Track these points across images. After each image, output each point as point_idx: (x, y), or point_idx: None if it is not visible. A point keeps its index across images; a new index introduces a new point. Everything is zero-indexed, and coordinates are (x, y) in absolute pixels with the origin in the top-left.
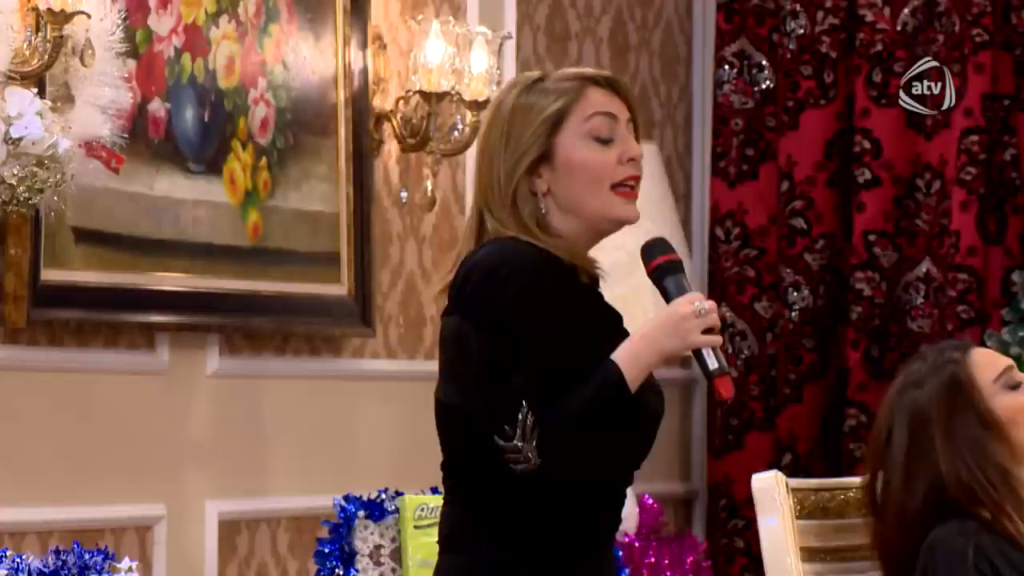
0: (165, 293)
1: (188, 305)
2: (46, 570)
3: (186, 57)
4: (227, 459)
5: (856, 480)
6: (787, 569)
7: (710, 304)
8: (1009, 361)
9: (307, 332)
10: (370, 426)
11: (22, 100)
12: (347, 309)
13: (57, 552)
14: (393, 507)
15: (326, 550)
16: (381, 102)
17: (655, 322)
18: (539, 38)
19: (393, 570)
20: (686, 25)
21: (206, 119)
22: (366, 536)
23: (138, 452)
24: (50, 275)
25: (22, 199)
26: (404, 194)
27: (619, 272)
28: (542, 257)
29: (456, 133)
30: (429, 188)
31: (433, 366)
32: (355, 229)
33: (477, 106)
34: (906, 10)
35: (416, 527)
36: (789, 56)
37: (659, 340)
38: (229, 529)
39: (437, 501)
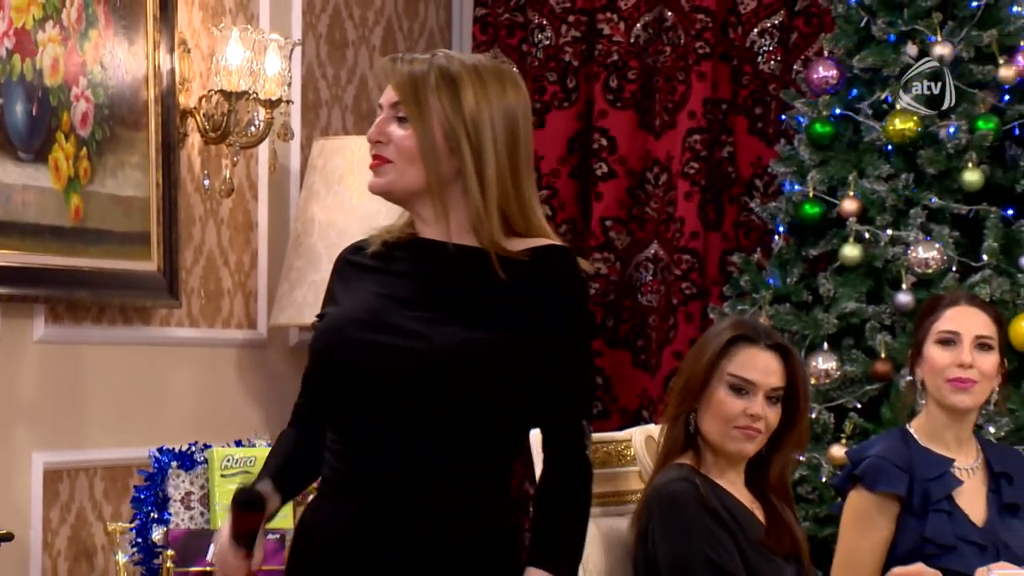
0: None
1: (17, 279)
2: None
3: (16, 58)
4: (51, 416)
5: (617, 435)
6: None
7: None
8: (759, 379)
9: (121, 303)
10: (176, 387)
11: None
12: (156, 283)
13: None
14: (202, 458)
15: (142, 496)
16: (186, 100)
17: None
18: (321, 45)
19: (202, 513)
20: (446, 35)
21: (34, 113)
22: (178, 484)
23: None
24: None
25: None
26: (207, 182)
27: None
28: None
29: (252, 128)
30: (227, 176)
31: (230, 333)
32: (163, 212)
33: (271, 104)
34: (638, 25)
35: (223, 476)
36: (536, 64)
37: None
38: (52, 478)
39: (242, 453)
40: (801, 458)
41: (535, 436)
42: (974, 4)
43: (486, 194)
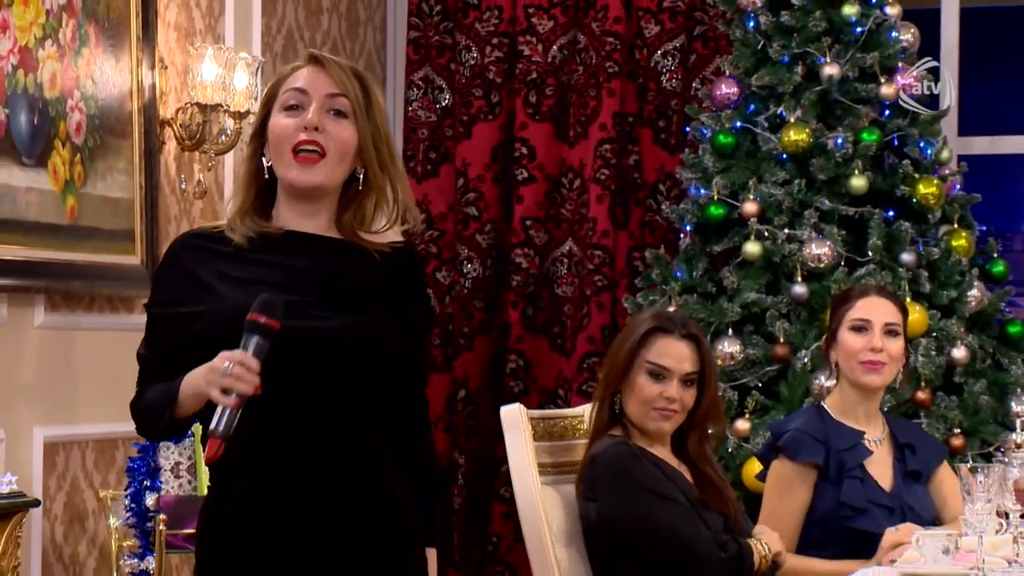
0: (3, 262)
1: (21, 272)
2: None
3: (20, 73)
4: (49, 394)
5: (572, 411)
6: (529, 479)
7: (238, 370)
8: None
9: (110, 294)
10: None
11: None
12: (139, 275)
13: None
14: (190, 432)
15: (135, 465)
16: (164, 111)
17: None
18: (277, 62)
19: (189, 482)
20: (382, 55)
21: (35, 122)
22: (168, 455)
23: None
24: None
25: None
26: (184, 185)
27: None
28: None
29: (223, 137)
30: (200, 180)
31: None
32: (145, 212)
33: (239, 116)
34: (555, 47)
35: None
36: (464, 81)
37: (200, 375)
38: (51, 449)
39: None
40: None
41: (507, 411)
42: (858, 30)
43: (391, 195)
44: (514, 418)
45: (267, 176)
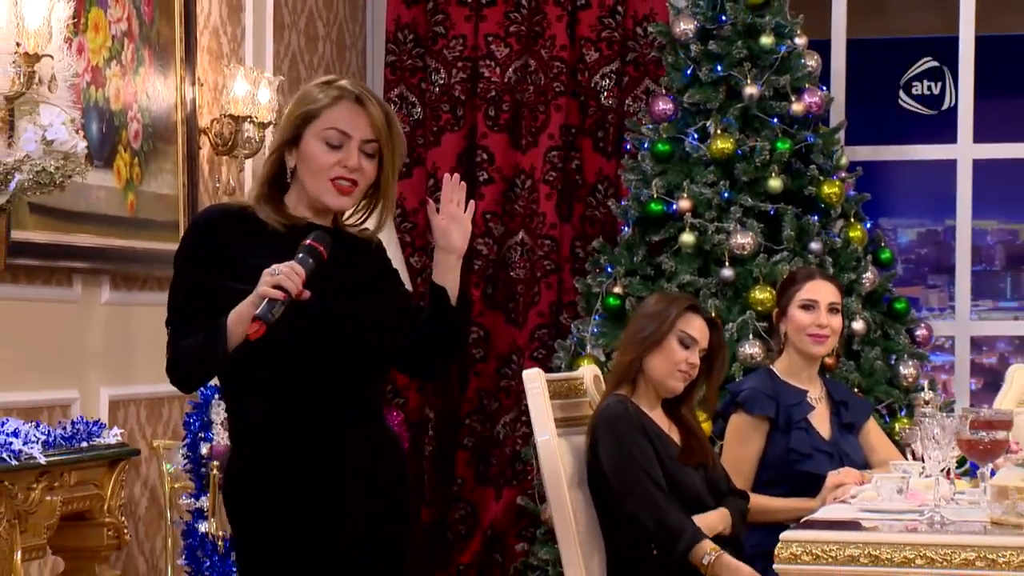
0: (80, 247)
1: (93, 256)
2: (66, 436)
3: (92, 88)
4: (113, 359)
5: (574, 374)
6: (548, 431)
7: (286, 270)
8: (699, 338)
9: (159, 275)
10: None
11: (52, 113)
12: None
13: (74, 423)
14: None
15: (191, 420)
16: (201, 122)
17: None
18: (286, 81)
19: None
20: (364, 75)
21: (104, 131)
22: (219, 411)
23: (63, 354)
24: (16, 235)
25: (57, 181)
26: (218, 184)
27: None
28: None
29: (251, 144)
30: (229, 181)
31: None
32: (187, 206)
33: (263, 126)
34: (510, 69)
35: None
36: (433, 98)
37: (247, 299)
38: (114, 407)
39: None
40: None
41: (529, 374)
42: (773, 57)
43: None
44: (535, 380)
45: (288, 178)
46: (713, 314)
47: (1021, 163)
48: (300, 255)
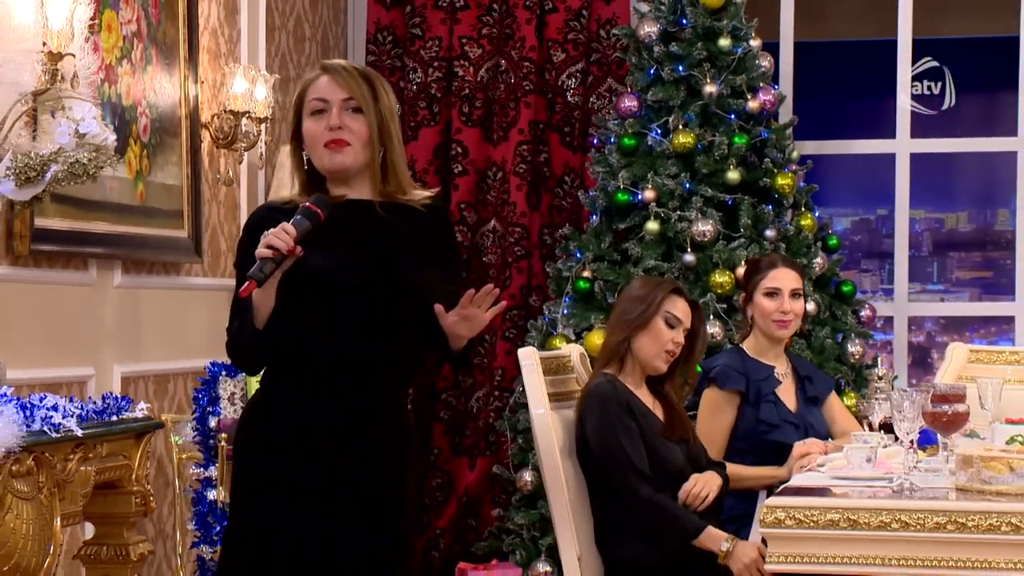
0: (95, 234)
1: (106, 242)
2: (97, 410)
3: (106, 85)
4: (125, 339)
5: (561, 351)
6: (543, 405)
7: (276, 230)
8: (683, 319)
9: (165, 260)
10: (198, 318)
11: (83, 108)
12: (186, 245)
13: (104, 398)
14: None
15: (199, 395)
16: (202, 117)
17: None
18: (277, 79)
19: (242, 408)
20: None
21: (116, 124)
22: (226, 387)
23: (79, 334)
24: (39, 223)
25: (91, 172)
26: (219, 175)
27: None
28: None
29: (250, 137)
30: (228, 172)
31: (225, 281)
32: (191, 196)
33: (260, 121)
34: (483, 69)
35: (257, 381)
36: (411, 95)
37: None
38: (125, 383)
39: None
40: None
41: (525, 352)
42: (730, 58)
43: (400, 169)
44: (530, 357)
45: (307, 167)
46: None
47: (946, 157)
48: (296, 216)
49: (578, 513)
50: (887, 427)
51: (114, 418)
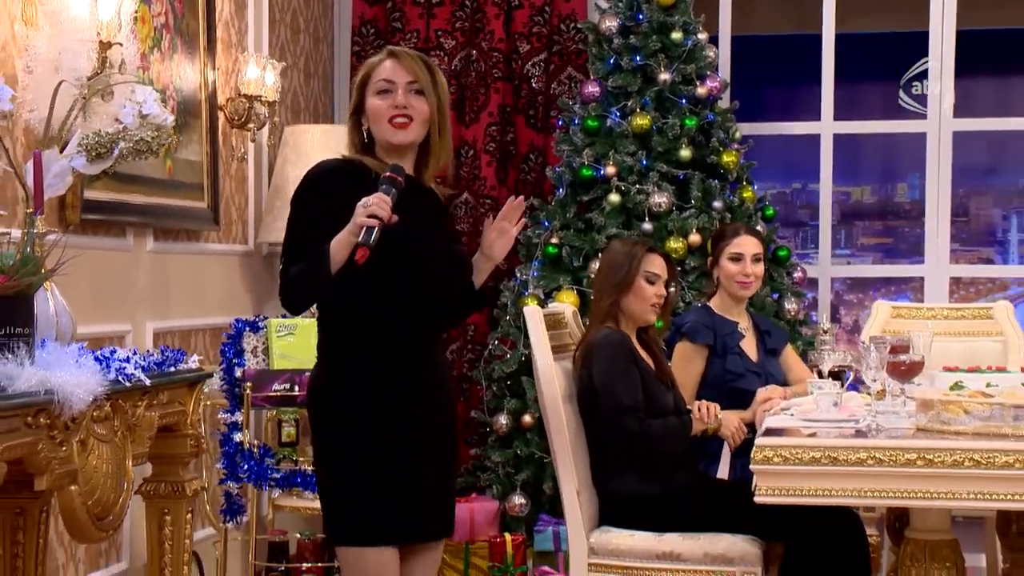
0: (133, 205)
1: (141, 212)
2: (157, 362)
3: (141, 71)
4: (157, 298)
5: (556, 309)
6: (547, 355)
7: (376, 199)
8: (661, 273)
9: (188, 228)
10: (213, 280)
11: (144, 91)
12: (206, 215)
13: (162, 351)
14: (263, 324)
15: (226, 348)
16: (218, 100)
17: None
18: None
19: (264, 360)
20: (332, 64)
21: None
22: (250, 341)
23: (119, 294)
24: (87, 194)
25: (154, 149)
26: (233, 153)
27: None
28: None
29: (261, 118)
30: (243, 150)
31: (237, 247)
32: (209, 171)
33: (270, 104)
34: (456, 58)
35: (277, 336)
36: None
37: (345, 229)
38: (157, 338)
39: (288, 321)
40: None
41: (529, 310)
42: (681, 49)
43: (449, 151)
44: (535, 314)
45: (365, 138)
46: None
47: (853, 139)
48: (383, 186)
49: (576, 453)
50: (835, 374)
51: (171, 369)
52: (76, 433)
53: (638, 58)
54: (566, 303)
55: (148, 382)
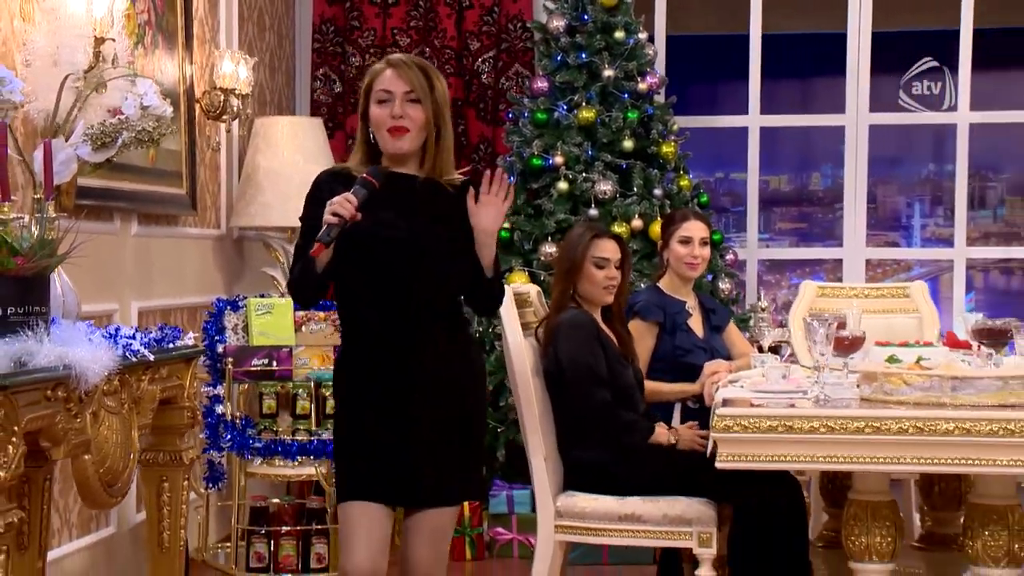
0: (120, 191)
1: (127, 198)
2: (157, 339)
3: (128, 65)
4: (140, 279)
5: (523, 288)
6: (517, 332)
7: (339, 199)
8: (611, 256)
9: (168, 213)
10: (191, 263)
11: (145, 84)
12: (184, 201)
13: (160, 328)
14: (243, 304)
15: (209, 326)
16: (195, 93)
17: None
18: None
19: (244, 337)
20: (295, 59)
21: None
22: (230, 319)
23: (107, 274)
24: (81, 181)
25: (155, 139)
26: (208, 143)
27: None
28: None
29: (235, 110)
30: (217, 140)
31: (211, 231)
32: (187, 159)
33: (243, 97)
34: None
35: (256, 314)
36: (351, 76)
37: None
38: (141, 317)
39: (267, 301)
40: None
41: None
42: (623, 48)
43: (448, 150)
44: (506, 293)
45: (372, 140)
46: None
47: (770, 131)
48: (355, 187)
49: (544, 423)
50: (774, 349)
51: (170, 345)
52: (89, 405)
53: (583, 55)
54: (518, 283)
55: (152, 357)
